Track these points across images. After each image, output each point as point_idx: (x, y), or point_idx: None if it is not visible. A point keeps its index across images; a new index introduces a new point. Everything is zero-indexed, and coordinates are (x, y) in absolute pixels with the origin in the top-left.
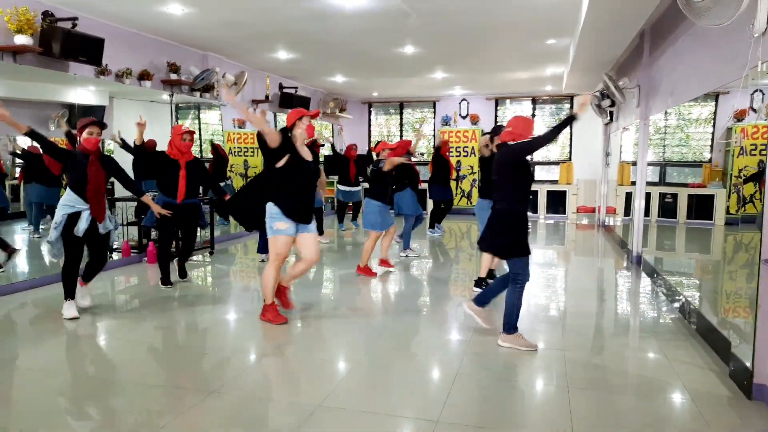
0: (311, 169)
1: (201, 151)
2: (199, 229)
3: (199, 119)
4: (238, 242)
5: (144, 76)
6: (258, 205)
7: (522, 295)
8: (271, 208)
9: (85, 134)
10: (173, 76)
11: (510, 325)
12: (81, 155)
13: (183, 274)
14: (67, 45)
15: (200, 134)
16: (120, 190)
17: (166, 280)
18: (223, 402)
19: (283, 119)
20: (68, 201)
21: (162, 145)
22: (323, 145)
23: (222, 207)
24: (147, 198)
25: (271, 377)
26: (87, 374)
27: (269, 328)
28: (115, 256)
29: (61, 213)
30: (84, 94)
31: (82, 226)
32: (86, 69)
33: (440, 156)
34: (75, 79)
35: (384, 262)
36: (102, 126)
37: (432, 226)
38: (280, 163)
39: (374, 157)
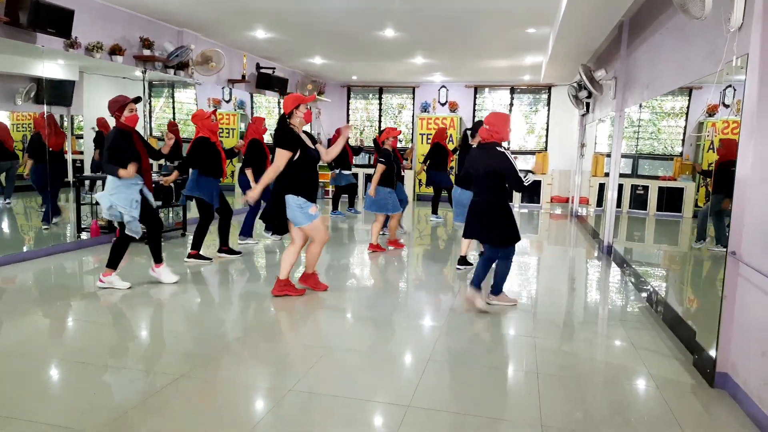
0: (316, 153)
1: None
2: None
3: (173, 98)
4: None
5: (115, 50)
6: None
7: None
8: (295, 200)
9: (126, 112)
10: (146, 52)
11: (499, 289)
12: (124, 133)
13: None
14: (35, 15)
15: (174, 114)
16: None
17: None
18: (192, 385)
19: (259, 100)
20: (131, 180)
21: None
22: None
23: (269, 220)
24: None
25: (241, 361)
26: (53, 356)
27: (240, 311)
28: (84, 235)
29: (133, 192)
30: (52, 67)
31: (151, 198)
32: (55, 41)
33: (438, 144)
34: (43, 51)
35: (393, 243)
36: (138, 101)
37: (435, 212)
38: (295, 158)
39: (384, 146)
